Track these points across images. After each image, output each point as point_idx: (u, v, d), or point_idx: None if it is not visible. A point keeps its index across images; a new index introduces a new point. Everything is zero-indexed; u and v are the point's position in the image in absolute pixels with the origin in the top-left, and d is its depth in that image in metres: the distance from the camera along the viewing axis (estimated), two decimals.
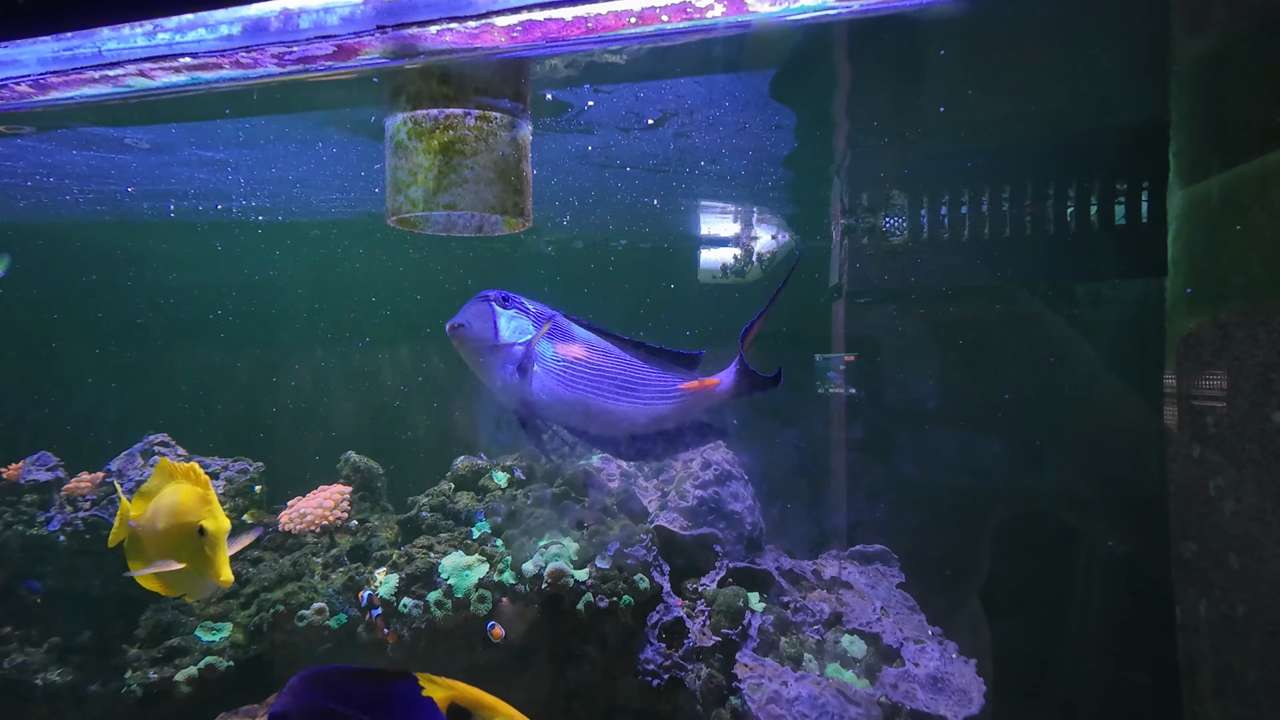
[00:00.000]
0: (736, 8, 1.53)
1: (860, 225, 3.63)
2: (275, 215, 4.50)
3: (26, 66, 1.78)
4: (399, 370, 4.66)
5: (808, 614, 2.99)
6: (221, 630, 2.90)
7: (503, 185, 1.96)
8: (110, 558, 3.13)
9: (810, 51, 2.27)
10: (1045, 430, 3.37)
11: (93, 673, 2.88)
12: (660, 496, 3.29)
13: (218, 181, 3.87)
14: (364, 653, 2.86)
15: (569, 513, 3.00)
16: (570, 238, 4.93)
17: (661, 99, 2.71)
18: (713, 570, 2.98)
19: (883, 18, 1.66)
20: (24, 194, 4.12)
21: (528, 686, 2.69)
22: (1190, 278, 2.38)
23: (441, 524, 3.17)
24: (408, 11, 1.56)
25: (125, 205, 4.33)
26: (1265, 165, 2.06)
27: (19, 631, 2.97)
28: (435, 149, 1.91)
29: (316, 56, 1.70)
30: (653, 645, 2.65)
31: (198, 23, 1.64)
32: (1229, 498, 2.16)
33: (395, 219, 2.04)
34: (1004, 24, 2.13)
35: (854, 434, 3.64)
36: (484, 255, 4.95)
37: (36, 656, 2.89)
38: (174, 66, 1.74)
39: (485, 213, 2.00)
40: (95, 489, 3.17)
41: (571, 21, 1.56)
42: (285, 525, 3.25)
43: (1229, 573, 2.16)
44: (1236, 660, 2.14)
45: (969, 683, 2.79)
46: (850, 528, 3.47)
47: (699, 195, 4.08)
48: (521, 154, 2.03)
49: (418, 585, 2.81)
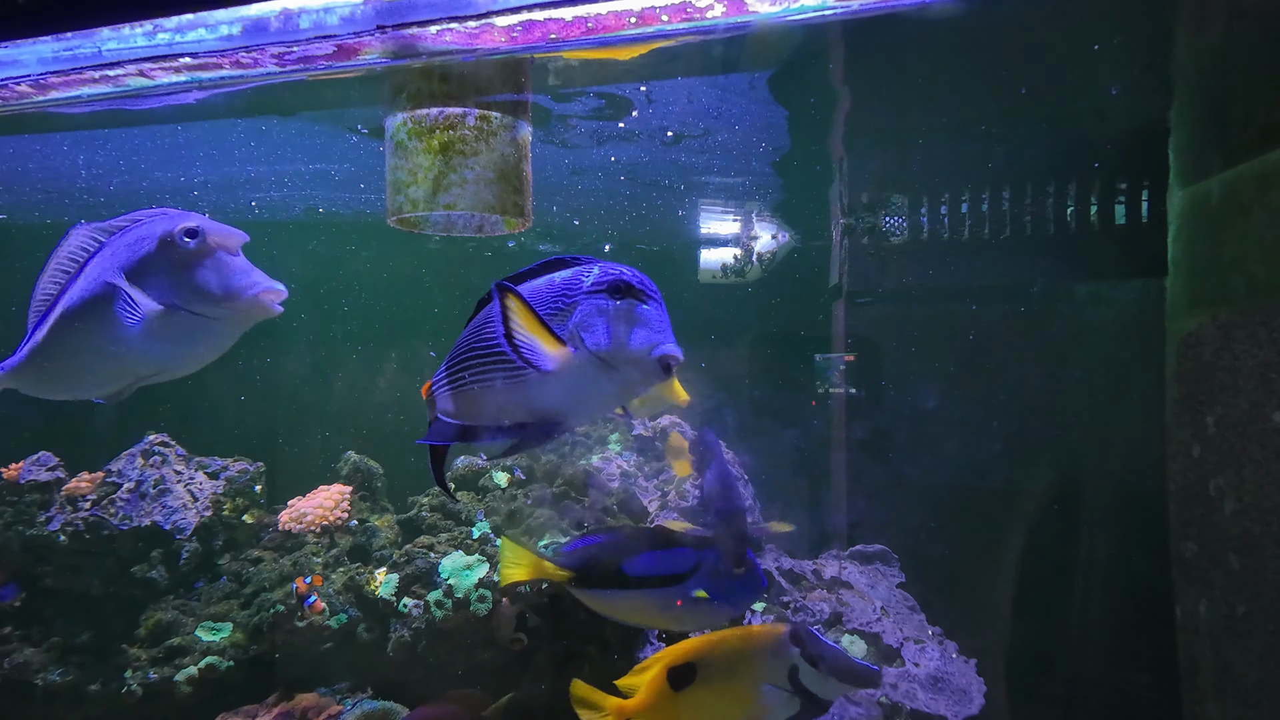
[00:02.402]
0: (736, 8, 1.53)
1: (860, 225, 3.63)
2: (275, 214, 4.50)
3: (26, 66, 1.78)
4: (399, 370, 4.66)
5: (808, 614, 2.99)
6: (221, 630, 2.90)
7: (503, 185, 1.96)
8: (110, 558, 3.13)
9: (809, 51, 2.27)
10: (1045, 430, 3.37)
11: (93, 673, 2.88)
12: (660, 496, 3.29)
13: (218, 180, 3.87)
14: (365, 652, 2.86)
15: (569, 513, 3.00)
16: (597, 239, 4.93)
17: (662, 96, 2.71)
18: None
19: (882, 18, 1.66)
20: (25, 193, 4.12)
21: (528, 686, 2.69)
22: (1190, 278, 2.38)
23: (441, 524, 3.16)
24: (408, 11, 1.56)
25: (126, 205, 4.33)
26: (1265, 165, 2.06)
27: (19, 631, 2.96)
28: (435, 149, 1.91)
29: (316, 56, 1.70)
30: (653, 645, 2.65)
31: (198, 23, 1.64)
32: (1229, 498, 2.16)
33: (395, 219, 2.04)
34: (1004, 24, 2.13)
35: (854, 434, 3.64)
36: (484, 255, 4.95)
37: (36, 657, 2.89)
38: (174, 66, 1.74)
39: (485, 213, 2.00)
40: (95, 489, 3.17)
41: (571, 21, 1.56)
42: (285, 525, 3.24)
43: (1229, 573, 2.16)
44: (1236, 660, 2.14)
45: (969, 683, 2.79)
46: (850, 528, 3.47)
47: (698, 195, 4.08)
48: (521, 154, 2.03)
49: (418, 585, 2.81)
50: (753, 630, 1.95)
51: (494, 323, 1.39)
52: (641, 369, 1.35)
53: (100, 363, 1.65)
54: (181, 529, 3.16)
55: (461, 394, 1.52)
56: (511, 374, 1.41)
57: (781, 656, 1.85)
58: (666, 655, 1.95)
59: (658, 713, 1.90)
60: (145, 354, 1.61)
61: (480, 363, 1.47)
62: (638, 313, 1.36)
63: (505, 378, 1.43)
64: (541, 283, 1.45)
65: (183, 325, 1.58)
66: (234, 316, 1.60)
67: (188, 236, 1.56)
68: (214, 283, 1.57)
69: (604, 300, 1.37)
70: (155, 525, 3.14)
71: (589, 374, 1.36)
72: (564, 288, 1.42)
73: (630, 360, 1.34)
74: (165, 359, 1.63)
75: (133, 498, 3.18)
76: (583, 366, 1.36)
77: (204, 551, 3.20)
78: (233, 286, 1.57)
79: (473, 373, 1.49)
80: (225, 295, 1.57)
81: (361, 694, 2.85)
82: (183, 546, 3.15)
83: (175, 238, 1.56)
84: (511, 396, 1.43)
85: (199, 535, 3.19)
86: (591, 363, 1.36)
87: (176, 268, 1.57)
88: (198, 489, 3.27)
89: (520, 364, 1.37)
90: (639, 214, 4.44)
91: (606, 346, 1.35)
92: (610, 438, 3.71)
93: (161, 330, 1.57)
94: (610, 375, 1.36)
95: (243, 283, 1.58)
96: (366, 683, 2.89)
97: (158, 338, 1.58)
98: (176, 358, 1.64)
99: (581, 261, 1.46)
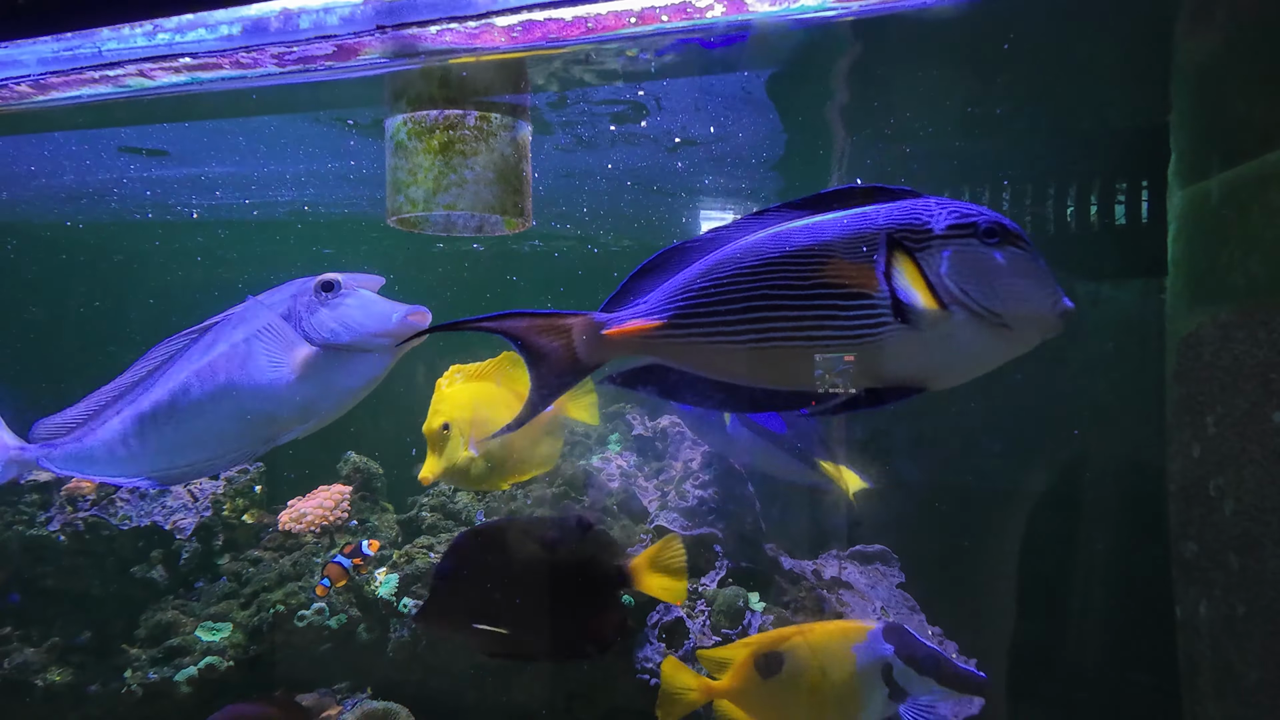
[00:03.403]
0: (736, 8, 1.53)
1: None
2: (275, 213, 4.50)
3: (26, 66, 1.78)
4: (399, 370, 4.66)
5: (808, 614, 2.99)
6: (221, 630, 2.90)
7: (502, 185, 1.96)
8: (110, 558, 3.13)
9: (808, 51, 2.27)
10: (1045, 430, 3.37)
11: (93, 673, 2.88)
12: (660, 496, 3.28)
13: (218, 179, 3.87)
14: (365, 653, 2.86)
15: (569, 513, 3.00)
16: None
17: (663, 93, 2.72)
18: (712, 570, 2.98)
19: (882, 18, 1.67)
20: (24, 193, 4.12)
21: (528, 686, 2.69)
22: (1190, 278, 2.38)
23: (441, 524, 3.17)
24: (408, 11, 1.56)
25: (125, 205, 4.33)
26: (1265, 165, 2.06)
27: (19, 631, 2.97)
28: (435, 149, 1.91)
29: (316, 57, 1.70)
30: (653, 645, 2.65)
31: (198, 23, 1.64)
32: (1229, 498, 2.16)
33: (395, 219, 2.04)
34: (1004, 24, 2.13)
35: (854, 434, 3.64)
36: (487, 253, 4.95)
37: (36, 657, 2.88)
38: (174, 66, 1.74)
39: (485, 213, 2.00)
40: (95, 489, 3.17)
41: (571, 21, 1.56)
42: (285, 525, 3.25)
43: (1229, 573, 2.16)
44: (1236, 660, 2.14)
45: None
46: (850, 528, 3.47)
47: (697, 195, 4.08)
48: (521, 154, 2.03)
49: (418, 585, 2.81)
50: (844, 624, 1.94)
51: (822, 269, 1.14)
52: (1041, 327, 1.15)
53: (237, 416, 1.65)
54: (181, 529, 3.16)
55: (760, 353, 1.22)
56: (866, 333, 1.16)
57: (875, 653, 1.84)
58: (753, 642, 1.96)
59: (745, 697, 1.91)
60: (292, 398, 1.62)
61: (804, 316, 1.18)
62: (1023, 260, 1.14)
63: (850, 337, 1.16)
64: (830, 221, 1.19)
65: (333, 363, 1.62)
66: (384, 345, 1.63)
67: (325, 289, 1.63)
68: (359, 318, 1.62)
69: (976, 245, 1.14)
70: (155, 525, 3.15)
71: (975, 334, 1.14)
72: (863, 225, 1.16)
73: (1030, 319, 1.14)
74: (316, 400, 1.64)
75: (133, 498, 3.18)
76: (967, 325, 1.14)
77: (204, 551, 3.20)
78: (379, 315, 1.62)
79: (789, 326, 1.19)
80: (373, 325, 1.61)
81: (361, 694, 2.85)
82: (183, 546, 3.16)
83: (315, 288, 1.63)
84: (861, 361, 1.18)
85: (199, 535, 3.19)
86: (978, 321, 1.14)
87: (320, 313, 1.62)
88: (198, 489, 3.28)
89: (891, 325, 1.13)
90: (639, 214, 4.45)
91: (1001, 303, 1.13)
92: (610, 438, 3.71)
93: (313, 371, 1.61)
94: (1001, 335, 1.15)
95: (388, 310, 1.63)
96: (366, 683, 2.89)
97: (310, 379, 1.61)
98: (331, 396, 1.66)
99: (881, 194, 1.21)
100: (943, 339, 1.14)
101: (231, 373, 1.63)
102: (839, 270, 1.15)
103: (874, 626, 1.88)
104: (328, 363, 1.61)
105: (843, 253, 1.16)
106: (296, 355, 1.60)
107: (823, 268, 1.15)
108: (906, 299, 1.12)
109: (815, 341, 1.18)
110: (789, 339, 1.19)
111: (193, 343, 1.72)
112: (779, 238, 1.20)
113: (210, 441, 1.68)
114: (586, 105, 2.80)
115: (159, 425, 1.67)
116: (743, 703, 1.91)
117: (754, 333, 1.20)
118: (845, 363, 1.18)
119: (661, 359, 1.29)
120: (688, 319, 1.24)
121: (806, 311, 1.17)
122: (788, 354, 1.20)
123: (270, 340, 1.60)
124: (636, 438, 3.66)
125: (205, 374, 1.64)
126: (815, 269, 1.16)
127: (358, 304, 1.64)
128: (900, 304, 1.12)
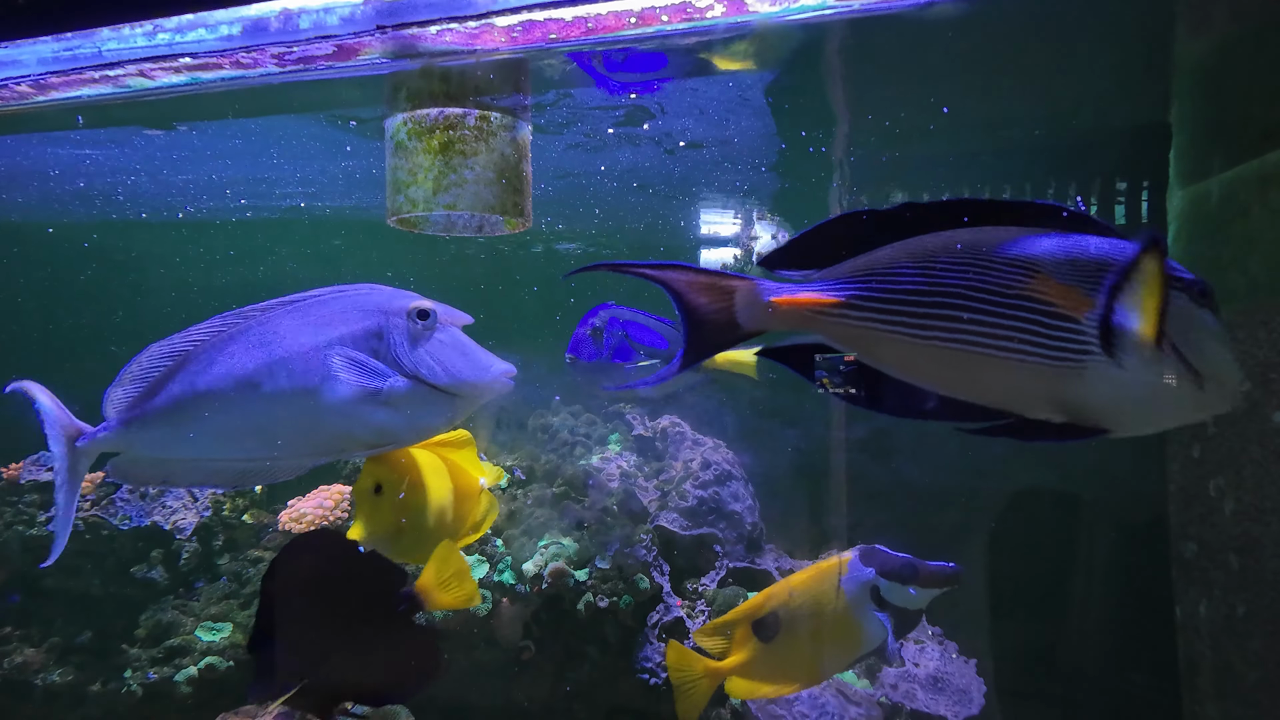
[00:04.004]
0: (736, 8, 1.53)
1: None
2: (275, 212, 4.50)
3: (26, 66, 1.78)
4: None
5: None
6: (221, 630, 2.90)
7: (502, 185, 1.97)
8: (110, 558, 3.13)
9: (808, 52, 2.27)
10: None
11: (93, 673, 2.88)
12: (660, 496, 3.28)
13: (218, 180, 3.87)
14: None
15: (569, 513, 3.00)
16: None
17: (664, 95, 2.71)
18: (713, 570, 2.98)
19: (882, 18, 1.67)
20: (25, 192, 4.12)
21: (528, 686, 2.69)
22: None
23: None
24: (408, 11, 1.56)
25: (126, 205, 4.33)
26: (1265, 165, 2.06)
27: (19, 631, 2.96)
28: (435, 149, 1.92)
29: (316, 56, 1.70)
30: (653, 645, 2.65)
31: (198, 23, 1.64)
32: (1229, 498, 2.16)
33: (395, 219, 2.04)
34: (1003, 24, 2.13)
35: (854, 434, 3.64)
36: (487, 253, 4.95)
37: (36, 657, 2.88)
38: (174, 66, 1.74)
39: (485, 213, 2.00)
40: (95, 489, 3.17)
41: (571, 22, 1.56)
42: (285, 525, 3.24)
43: (1229, 573, 2.16)
44: (1236, 660, 2.14)
45: (969, 683, 2.79)
46: (850, 528, 3.47)
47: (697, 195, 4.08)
48: (521, 154, 2.03)
49: None
50: (820, 566, 1.93)
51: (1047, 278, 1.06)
52: (1229, 397, 1.09)
53: (310, 425, 1.61)
54: (181, 529, 3.16)
55: (942, 353, 1.13)
56: (1068, 358, 1.07)
57: (860, 581, 1.84)
58: (742, 611, 1.93)
59: (753, 667, 1.89)
60: (372, 422, 1.59)
61: (1001, 325, 1.09)
62: (1224, 329, 1.09)
63: (1050, 358, 1.07)
64: (1041, 236, 1.11)
65: (422, 399, 1.59)
66: (475, 394, 1.62)
67: (421, 317, 1.60)
68: (458, 362, 1.60)
69: (1187, 301, 1.08)
70: (155, 525, 3.14)
71: (1173, 385, 1.07)
72: (1077, 250, 1.08)
73: (1225, 386, 1.08)
74: (397, 430, 1.62)
75: (133, 498, 3.18)
76: (1170, 373, 1.07)
77: (204, 551, 3.20)
78: (476, 365, 1.61)
79: (983, 333, 1.10)
80: (470, 374, 1.60)
81: None
82: (183, 546, 3.15)
83: (410, 314, 1.60)
84: (1051, 386, 1.09)
85: (199, 535, 3.19)
86: (1180, 372, 1.07)
87: (416, 343, 1.60)
88: (197, 489, 3.27)
89: (1095, 354, 1.05)
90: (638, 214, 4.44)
91: (1203, 363, 1.07)
92: (610, 438, 3.71)
93: (401, 402, 1.58)
94: (1193, 395, 1.07)
95: (485, 362, 1.62)
96: None
97: (396, 408, 1.59)
98: (412, 430, 1.64)
99: (1088, 224, 1.11)
100: (1143, 381, 1.07)
101: (312, 378, 1.57)
102: (1049, 288, 1.08)
103: (850, 556, 1.88)
104: (416, 397, 1.58)
105: (1054, 271, 1.08)
106: (387, 383, 1.56)
107: (1031, 281, 1.08)
108: (1126, 325, 1.04)
109: (1011, 355, 1.09)
110: (980, 346, 1.10)
111: (262, 323, 1.65)
112: (984, 239, 1.12)
113: (274, 437, 1.63)
114: (586, 108, 2.80)
115: (229, 406, 1.60)
116: (750, 673, 1.89)
117: (942, 331, 1.12)
118: (1036, 384, 1.10)
119: (827, 338, 1.22)
120: (868, 302, 1.15)
121: (1006, 321, 1.09)
122: (974, 361, 1.11)
123: (363, 360, 1.57)
124: (636, 438, 3.66)
125: (286, 367, 1.57)
126: (1023, 281, 1.08)
127: (457, 348, 1.61)
128: (1110, 336, 1.05)
